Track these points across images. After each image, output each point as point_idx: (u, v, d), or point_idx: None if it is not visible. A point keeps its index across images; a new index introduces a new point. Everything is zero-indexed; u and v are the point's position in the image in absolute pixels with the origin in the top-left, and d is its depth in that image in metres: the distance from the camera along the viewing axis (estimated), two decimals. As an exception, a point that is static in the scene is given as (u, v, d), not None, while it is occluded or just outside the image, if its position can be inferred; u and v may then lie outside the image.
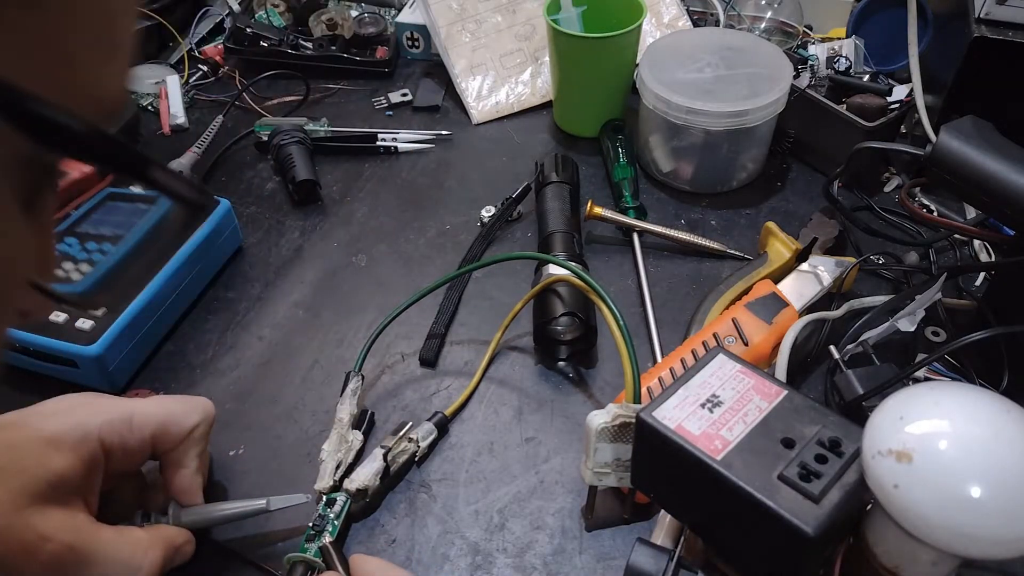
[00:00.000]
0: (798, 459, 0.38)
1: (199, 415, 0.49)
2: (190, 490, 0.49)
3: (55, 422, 0.44)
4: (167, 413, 0.48)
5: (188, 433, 0.48)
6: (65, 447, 0.43)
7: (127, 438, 0.46)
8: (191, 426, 0.48)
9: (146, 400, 0.50)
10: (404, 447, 0.54)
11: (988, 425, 0.33)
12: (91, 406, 0.46)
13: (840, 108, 0.72)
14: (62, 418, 0.45)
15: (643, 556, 0.42)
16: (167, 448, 0.48)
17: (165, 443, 0.48)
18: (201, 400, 0.51)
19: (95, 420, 0.45)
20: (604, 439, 0.47)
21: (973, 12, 0.68)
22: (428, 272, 0.69)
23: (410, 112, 0.88)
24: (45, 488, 0.41)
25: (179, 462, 0.48)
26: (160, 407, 0.49)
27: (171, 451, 0.48)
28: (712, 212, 0.74)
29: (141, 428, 0.47)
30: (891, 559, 0.37)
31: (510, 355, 0.62)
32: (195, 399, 0.51)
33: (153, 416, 0.47)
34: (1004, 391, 0.54)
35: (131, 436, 0.46)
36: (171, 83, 0.89)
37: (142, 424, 0.47)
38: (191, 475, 0.49)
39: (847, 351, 0.57)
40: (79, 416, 0.45)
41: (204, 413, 0.50)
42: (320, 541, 0.48)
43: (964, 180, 0.51)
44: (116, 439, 0.45)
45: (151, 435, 0.47)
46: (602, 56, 0.77)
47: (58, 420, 0.44)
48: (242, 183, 0.79)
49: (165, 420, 0.48)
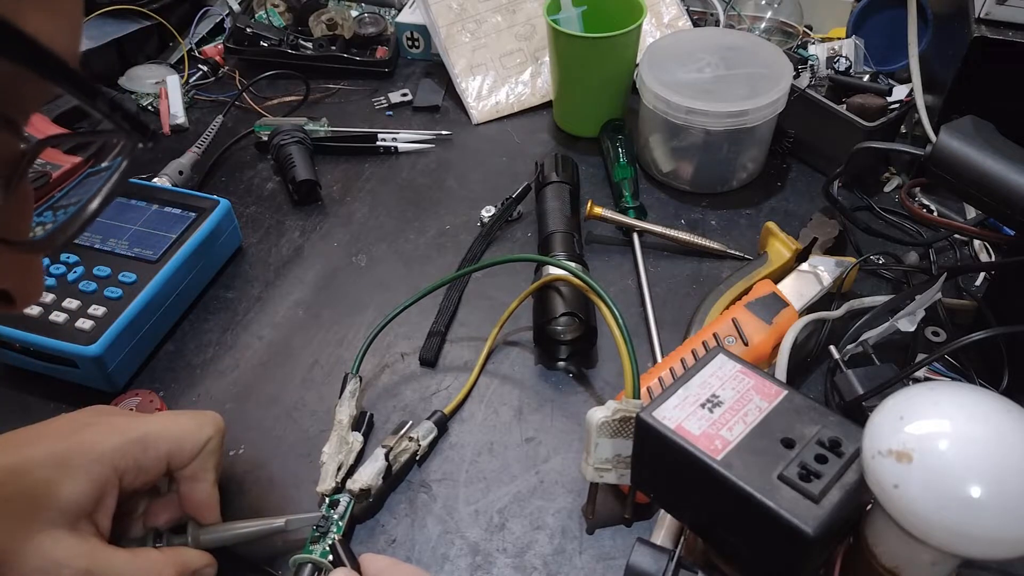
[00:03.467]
0: (798, 459, 0.38)
1: (211, 428, 0.48)
2: (208, 505, 0.48)
3: (66, 443, 0.43)
4: (181, 429, 0.47)
5: (202, 447, 0.47)
6: (76, 470, 0.42)
7: (141, 459, 0.45)
8: (205, 440, 0.48)
9: (157, 417, 0.49)
10: (405, 446, 0.54)
11: (988, 425, 0.33)
12: (103, 426, 0.46)
13: (840, 108, 0.72)
14: (73, 439, 0.44)
15: (643, 556, 0.42)
16: (181, 464, 0.47)
17: (180, 460, 0.47)
18: (211, 414, 0.50)
19: (107, 443, 0.44)
20: (604, 434, 0.47)
21: (973, 12, 0.68)
22: (428, 272, 0.69)
23: (410, 112, 0.88)
24: (57, 514, 0.41)
25: (195, 476, 0.47)
26: (173, 424, 0.48)
27: (186, 466, 0.47)
28: (712, 212, 0.74)
29: (155, 447, 0.46)
30: (891, 559, 0.37)
31: (510, 355, 0.62)
32: (205, 413, 0.50)
33: (167, 434, 0.47)
34: (1004, 391, 0.54)
35: (145, 456, 0.45)
36: (171, 83, 0.89)
37: (156, 443, 0.46)
38: (209, 489, 0.48)
39: (847, 351, 0.57)
40: (91, 437, 0.44)
41: (216, 426, 0.49)
42: (325, 542, 0.48)
43: (964, 180, 0.51)
44: (130, 461, 0.45)
45: (166, 453, 0.46)
46: (602, 56, 0.77)
47: (69, 441, 0.44)
48: (242, 183, 0.79)
49: (179, 437, 0.47)
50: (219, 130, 0.82)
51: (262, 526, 0.49)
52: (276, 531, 0.49)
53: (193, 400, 0.60)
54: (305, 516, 0.50)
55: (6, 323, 0.58)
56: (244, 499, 0.53)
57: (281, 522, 0.49)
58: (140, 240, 0.65)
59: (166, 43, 0.97)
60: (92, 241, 0.65)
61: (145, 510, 0.49)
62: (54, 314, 0.59)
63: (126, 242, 0.65)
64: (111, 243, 0.65)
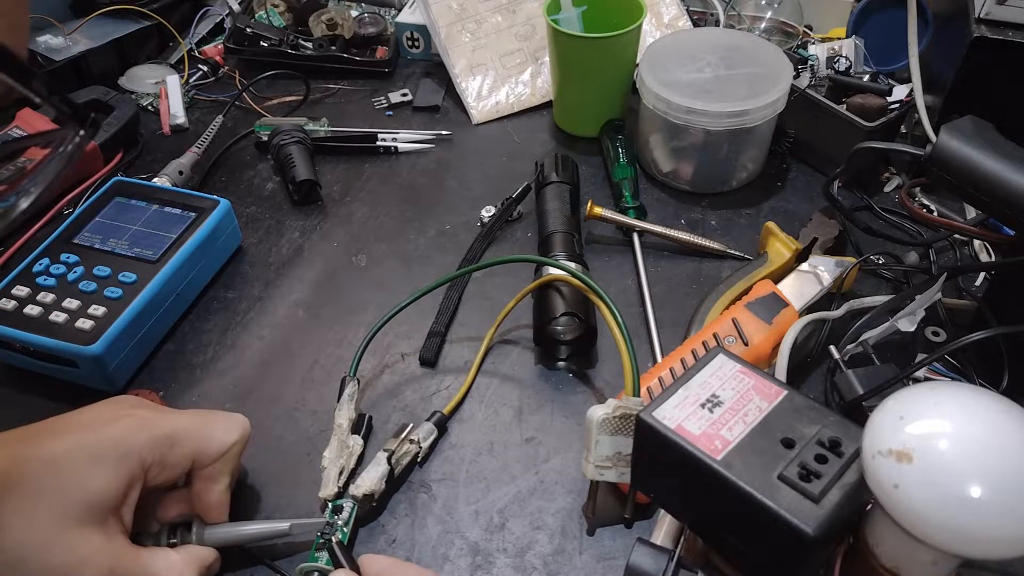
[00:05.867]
0: (798, 459, 0.38)
1: (238, 432, 0.49)
2: (219, 506, 0.48)
3: (96, 436, 0.43)
4: (210, 430, 0.48)
5: (227, 450, 0.48)
6: (106, 464, 0.42)
7: (168, 455, 0.45)
8: (231, 443, 0.48)
9: (188, 414, 0.49)
10: (407, 449, 0.54)
11: (988, 425, 0.33)
12: (134, 419, 0.45)
13: (840, 108, 0.72)
14: (104, 431, 0.44)
15: (643, 556, 0.42)
16: (205, 464, 0.47)
17: (204, 459, 0.47)
18: (239, 417, 0.50)
19: (138, 437, 0.44)
20: (605, 431, 0.47)
21: (973, 12, 0.68)
22: (428, 272, 0.69)
23: (410, 112, 0.88)
24: (85, 509, 0.41)
25: (213, 477, 0.48)
26: (203, 423, 0.48)
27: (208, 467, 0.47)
28: (712, 212, 0.74)
29: (183, 445, 0.46)
30: (891, 559, 0.37)
31: (510, 355, 0.62)
32: (234, 416, 0.50)
33: (196, 433, 0.47)
34: (1004, 391, 0.54)
35: (172, 453, 0.45)
36: (171, 83, 0.89)
37: (184, 440, 0.46)
38: (222, 491, 0.48)
39: (847, 351, 0.57)
40: (122, 431, 0.44)
41: (243, 430, 0.49)
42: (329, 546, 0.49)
43: (964, 180, 0.51)
44: (157, 456, 0.45)
45: (192, 451, 0.46)
46: (602, 56, 0.77)
47: (99, 434, 0.44)
48: (242, 183, 0.79)
49: (207, 437, 0.47)
50: (219, 130, 0.82)
51: (266, 529, 0.49)
52: (280, 534, 0.49)
53: (193, 400, 0.60)
54: (310, 521, 0.49)
55: (6, 323, 0.58)
56: (244, 499, 0.53)
57: (285, 526, 0.49)
58: (140, 240, 0.65)
59: (166, 43, 0.97)
60: (92, 241, 0.65)
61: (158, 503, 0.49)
62: (54, 314, 0.59)
63: (126, 242, 0.65)
64: (111, 243, 0.65)
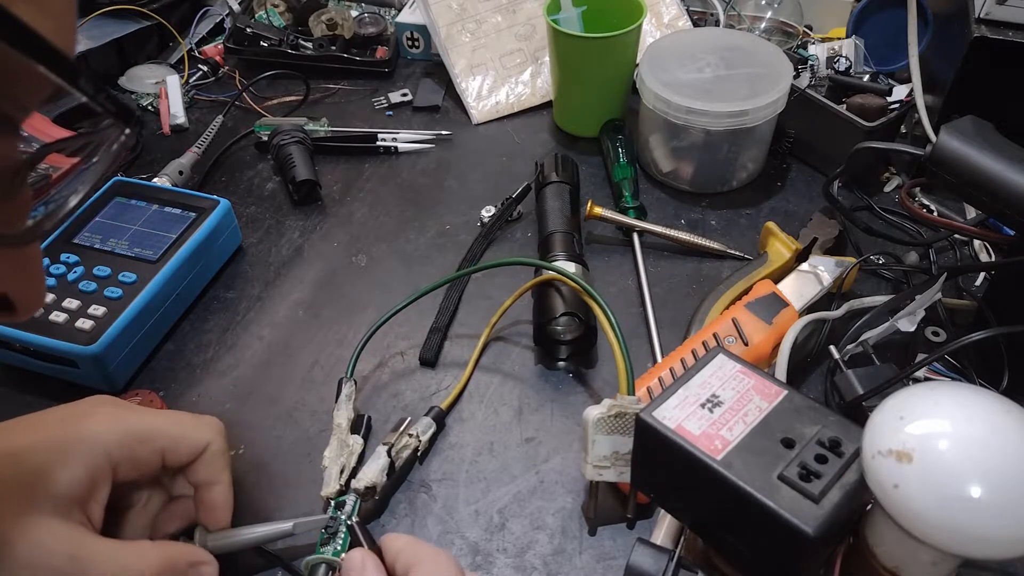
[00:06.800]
0: (798, 459, 0.38)
1: (211, 431, 0.48)
2: (224, 505, 0.48)
3: (64, 432, 0.44)
4: (178, 428, 0.47)
5: (202, 449, 0.47)
6: (72, 459, 0.43)
7: (136, 452, 0.45)
8: (204, 441, 0.48)
9: (158, 413, 0.49)
10: (406, 442, 0.54)
11: (988, 425, 0.33)
12: (101, 416, 0.46)
13: (840, 108, 0.72)
14: (71, 428, 0.44)
15: (643, 556, 0.42)
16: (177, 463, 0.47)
17: (175, 458, 0.47)
18: (208, 417, 0.50)
19: (105, 433, 0.44)
20: (601, 430, 0.47)
21: (973, 12, 0.68)
22: (428, 272, 0.69)
23: (410, 112, 0.88)
24: (48, 502, 0.41)
25: (210, 480, 0.48)
26: (172, 422, 0.48)
27: (201, 469, 0.47)
28: (712, 212, 0.74)
29: (152, 441, 0.46)
30: (891, 559, 0.37)
31: (510, 355, 0.62)
32: (204, 416, 0.50)
33: (165, 430, 0.47)
34: (1004, 391, 0.54)
35: (141, 449, 0.46)
36: (171, 83, 0.89)
37: (152, 437, 0.46)
38: (224, 491, 0.48)
39: (847, 351, 0.57)
40: (89, 427, 0.44)
41: (215, 429, 0.49)
42: (335, 543, 0.49)
43: (964, 180, 0.51)
44: (125, 452, 0.45)
45: (161, 449, 0.46)
46: (602, 56, 0.77)
47: (67, 430, 0.44)
48: (242, 183, 0.79)
49: (176, 435, 0.47)
50: (219, 130, 0.82)
51: (269, 530, 0.49)
52: (284, 535, 0.49)
53: (193, 400, 0.60)
54: (313, 519, 0.49)
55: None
56: (244, 499, 0.53)
57: (289, 526, 0.49)
58: (140, 240, 0.65)
59: (166, 43, 0.97)
60: (92, 241, 0.65)
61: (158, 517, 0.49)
62: (54, 314, 0.59)
63: (126, 242, 0.65)
64: (111, 243, 0.65)
